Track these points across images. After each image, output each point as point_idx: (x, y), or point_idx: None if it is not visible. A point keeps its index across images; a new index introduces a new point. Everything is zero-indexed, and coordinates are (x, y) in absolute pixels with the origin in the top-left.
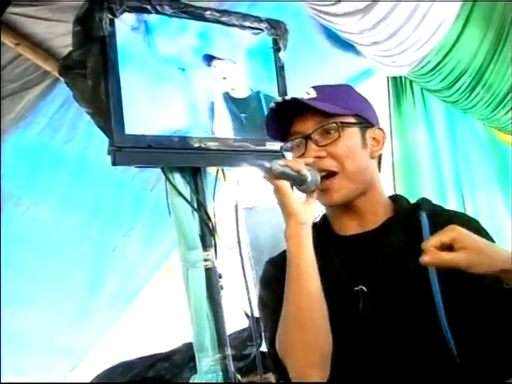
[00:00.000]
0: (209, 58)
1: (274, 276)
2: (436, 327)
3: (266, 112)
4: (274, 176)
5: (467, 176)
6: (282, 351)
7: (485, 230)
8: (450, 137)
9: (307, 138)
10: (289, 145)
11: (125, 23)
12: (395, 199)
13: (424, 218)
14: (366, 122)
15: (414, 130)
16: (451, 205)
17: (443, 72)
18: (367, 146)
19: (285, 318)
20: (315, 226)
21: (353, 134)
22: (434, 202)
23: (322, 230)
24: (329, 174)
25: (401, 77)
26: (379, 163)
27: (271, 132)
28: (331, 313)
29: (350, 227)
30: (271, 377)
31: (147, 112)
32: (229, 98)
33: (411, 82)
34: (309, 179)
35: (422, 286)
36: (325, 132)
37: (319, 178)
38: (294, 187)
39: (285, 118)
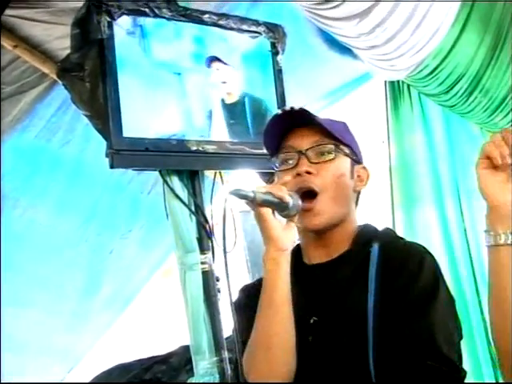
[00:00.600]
0: (212, 60)
1: (245, 303)
2: (364, 364)
3: (249, 116)
4: (256, 203)
5: (464, 181)
6: (248, 370)
7: (433, 265)
8: (447, 141)
9: (301, 153)
10: (278, 158)
11: (121, 27)
12: (361, 229)
13: (374, 251)
14: (356, 157)
15: (411, 134)
16: (449, 210)
17: (441, 76)
18: (353, 179)
19: (254, 340)
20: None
21: (344, 163)
22: (431, 206)
23: (293, 259)
24: (310, 195)
25: (398, 81)
26: (357, 198)
27: (268, 141)
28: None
29: (316, 256)
30: None
31: (145, 115)
32: (224, 104)
33: (409, 86)
34: (290, 204)
35: (359, 319)
36: (319, 152)
37: (300, 203)
38: (276, 212)
39: (280, 131)
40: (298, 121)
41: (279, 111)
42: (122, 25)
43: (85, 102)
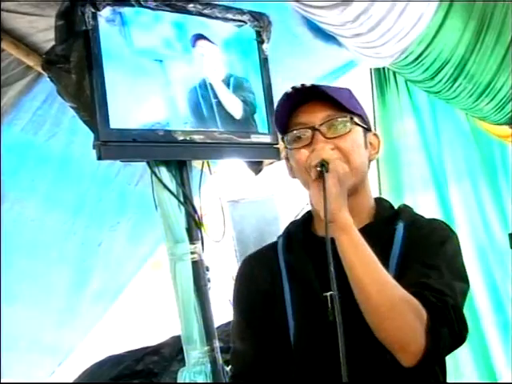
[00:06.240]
0: (197, 38)
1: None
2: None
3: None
4: None
5: (452, 166)
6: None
7: (454, 238)
8: (434, 127)
9: (315, 129)
10: (290, 136)
11: (100, 16)
12: (378, 203)
13: (400, 230)
14: (367, 125)
15: (398, 121)
16: (438, 196)
17: (425, 63)
18: (367, 148)
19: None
20: (296, 224)
21: (359, 133)
22: (419, 194)
23: (302, 230)
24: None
25: (384, 68)
26: (369, 167)
27: (278, 119)
28: (303, 319)
29: None
30: None
31: (131, 106)
32: (209, 82)
33: (395, 73)
34: None
35: None
36: (332, 126)
37: None
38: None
39: (289, 108)
40: (306, 96)
41: (289, 90)
42: (102, 13)
43: (71, 94)
